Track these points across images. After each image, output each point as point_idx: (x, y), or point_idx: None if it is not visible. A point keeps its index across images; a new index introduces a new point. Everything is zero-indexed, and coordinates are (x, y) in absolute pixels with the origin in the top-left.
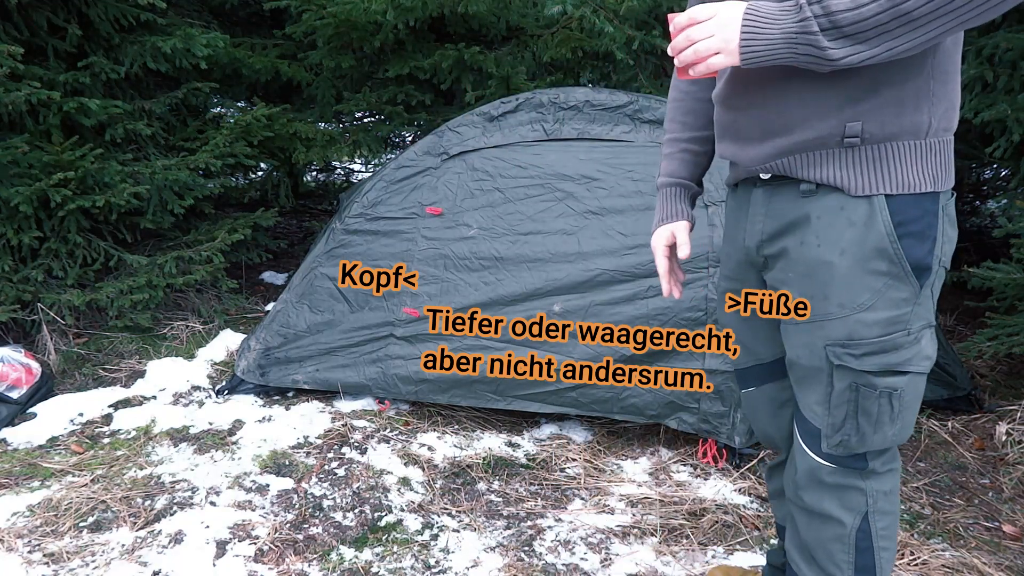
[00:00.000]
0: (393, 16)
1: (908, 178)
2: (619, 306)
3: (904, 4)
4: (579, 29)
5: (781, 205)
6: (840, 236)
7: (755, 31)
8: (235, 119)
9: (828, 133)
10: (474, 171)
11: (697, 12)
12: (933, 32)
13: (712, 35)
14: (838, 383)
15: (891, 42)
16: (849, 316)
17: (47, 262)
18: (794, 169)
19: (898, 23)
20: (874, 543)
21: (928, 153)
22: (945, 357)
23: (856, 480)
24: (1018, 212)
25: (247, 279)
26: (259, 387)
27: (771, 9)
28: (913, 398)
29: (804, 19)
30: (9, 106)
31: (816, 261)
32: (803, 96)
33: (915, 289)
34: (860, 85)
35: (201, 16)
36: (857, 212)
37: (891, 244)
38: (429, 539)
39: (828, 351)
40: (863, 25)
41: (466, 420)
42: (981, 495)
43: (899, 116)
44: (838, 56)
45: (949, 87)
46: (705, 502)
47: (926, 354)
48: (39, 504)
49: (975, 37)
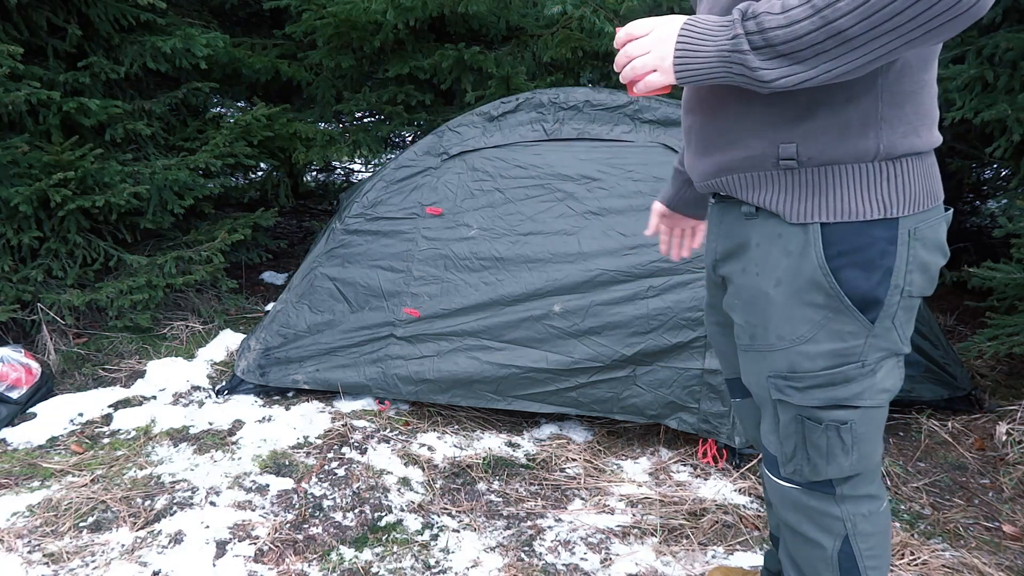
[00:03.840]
0: (393, 16)
1: (851, 205)
2: (619, 306)
3: (837, 22)
4: (579, 29)
5: (729, 226)
6: (777, 265)
7: (689, 48)
8: (235, 119)
9: (762, 153)
10: (474, 171)
11: (634, 27)
12: (873, 54)
13: (648, 51)
14: (783, 415)
15: (829, 63)
16: (790, 348)
17: (47, 262)
18: (734, 189)
19: (834, 43)
20: (859, 563)
21: (877, 178)
22: (945, 357)
23: (829, 506)
24: (1018, 212)
25: (247, 279)
26: (259, 387)
27: (709, 25)
28: (870, 430)
29: (736, 36)
30: (9, 106)
31: (755, 290)
32: (739, 112)
33: (863, 322)
34: (797, 105)
35: (201, 16)
36: (793, 241)
37: (824, 277)
38: (429, 539)
39: (770, 383)
40: (797, 44)
41: (466, 420)
42: (981, 495)
43: (841, 140)
44: (770, 77)
45: (907, 109)
46: (705, 502)
47: (883, 387)
48: (39, 504)
49: (975, 37)
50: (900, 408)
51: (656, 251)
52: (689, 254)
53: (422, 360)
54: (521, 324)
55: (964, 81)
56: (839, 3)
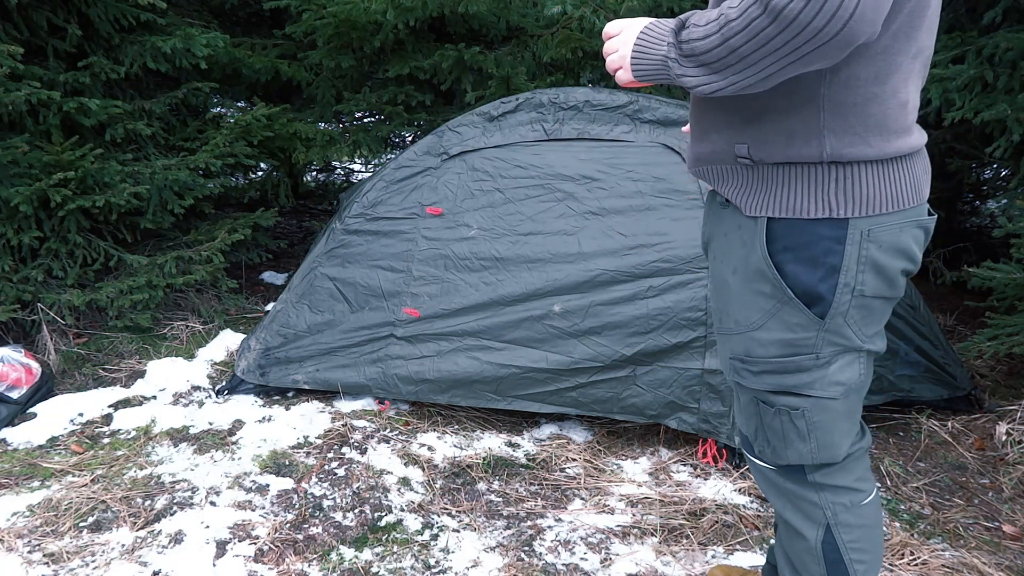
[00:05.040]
0: (393, 16)
1: (798, 203)
2: (619, 306)
3: (731, 40)
4: (579, 29)
5: (710, 215)
6: (734, 254)
7: (642, 51)
8: (235, 119)
9: (722, 148)
10: (474, 171)
11: (609, 27)
12: (766, 71)
13: (616, 50)
14: (742, 396)
15: (734, 76)
16: (744, 333)
17: (47, 262)
18: (709, 179)
19: (734, 58)
20: (844, 555)
21: (825, 179)
22: (945, 357)
23: (807, 491)
24: (1018, 212)
25: (247, 279)
26: (259, 387)
27: (660, 30)
28: (827, 419)
29: (670, 44)
30: (9, 106)
31: (719, 277)
32: (706, 109)
33: (809, 316)
34: (748, 109)
35: (201, 16)
36: (748, 232)
37: (768, 268)
38: (429, 539)
39: (730, 364)
40: (709, 56)
41: (466, 420)
42: (981, 495)
43: (788, 145)
44: (692, 84)
45: (851, 119)
46: (705, 502)
47: (836, 380)
48: (39, 504)
49: (975, 37)
50: (900, 408)
51: (656, 251)
52: None
53: (422, 360)
54: (521, 324)
55: (964, 81)
56: (733, 23)
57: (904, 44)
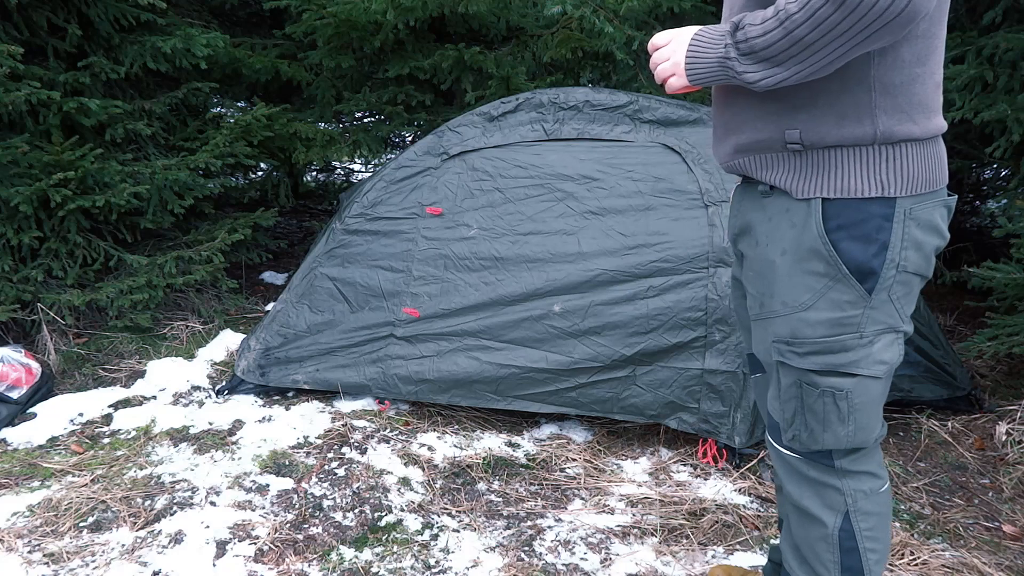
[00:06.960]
0: (393, 16)
1: (850, 183)
2: (619, 306)
3: (795, 31)
4: (579, 29)
5: (747, 204)
6: (783, 236)
7: (696, 56)
8: (235, 119)
9: (770, 137)
10: (474, 171)
11: (657, 39)
12: (832, 55)
13: (667, 59)
14: (784, 379)
15: (798, 65)
16: (792, 314)
17: (47, 262)
18: (750, 169)
19: (798, 48)
20: (859, 544)
21: (876, 160)
22: (945, 357)
23: (831, 478)
24: (1018, 212)
25: (247, 279)
26: (259, 387)
27: (713, 35)
28: (867, 401)
29: (727, 44)
30: (9, 106)
31: (764, 260)
32: (750, 100)
33: (860, 292)
34: (799, 95)
35: (201, 16)
36: (798, 214)
37: (824, 245)
38: (429, 539)
39: (774, 347)
40: (771, 51)
41: (466, 420)
42: (981, 495)
43: (839, 127)
44: (754, 79)
45: (900, 99)
46: (705, 502)
47: (880, 359)
48: (39, 504)
49: (975, 37)
50: (900, 408)
51: (656, 251)
52: None
53: (422, 360)
54: (521, 324)
55: (964, 81)
56: (795, 16)
57: (938, 28)
